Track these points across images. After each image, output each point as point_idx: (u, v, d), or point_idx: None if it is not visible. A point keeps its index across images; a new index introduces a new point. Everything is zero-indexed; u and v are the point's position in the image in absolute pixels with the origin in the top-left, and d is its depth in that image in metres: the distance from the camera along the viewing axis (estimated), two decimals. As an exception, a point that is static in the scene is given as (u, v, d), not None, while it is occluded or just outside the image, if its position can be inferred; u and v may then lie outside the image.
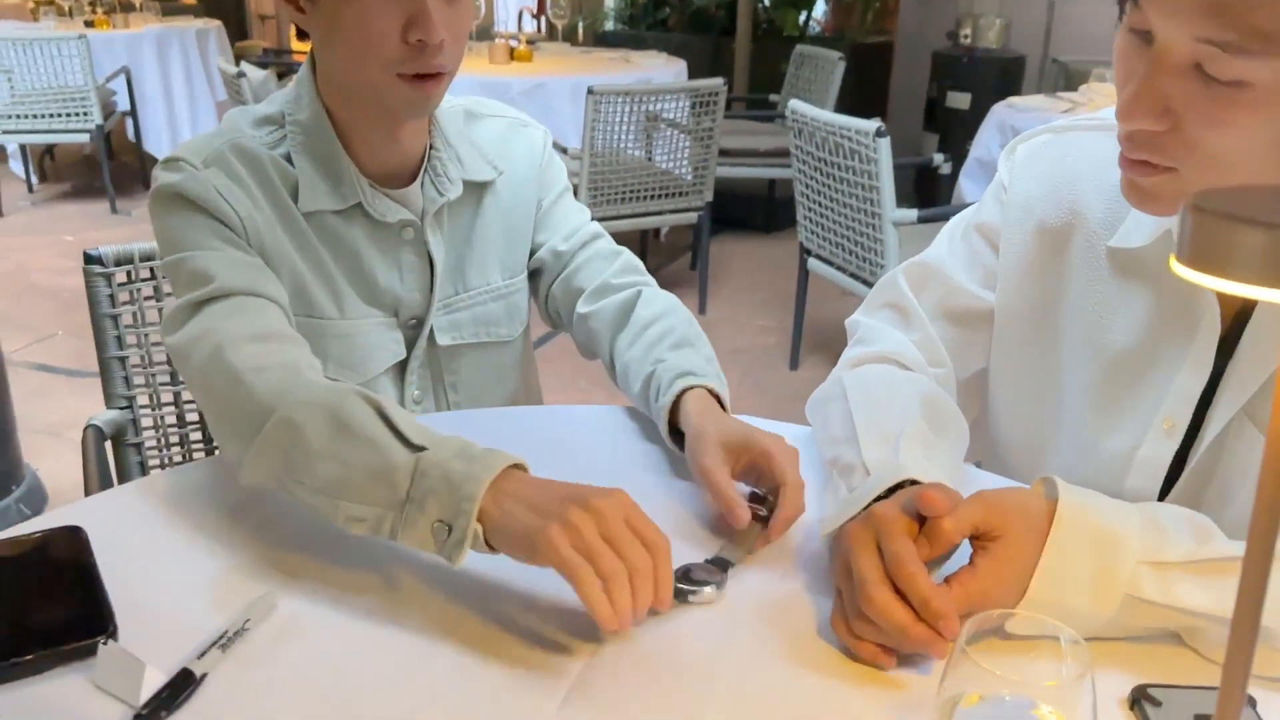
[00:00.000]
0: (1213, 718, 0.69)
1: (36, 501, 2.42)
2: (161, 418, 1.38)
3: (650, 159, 3.82)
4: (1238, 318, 0.89)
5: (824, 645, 0.79)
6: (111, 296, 1.31)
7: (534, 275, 1.29)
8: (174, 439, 1.40)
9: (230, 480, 0.95)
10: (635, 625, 0.77)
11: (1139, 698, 0.72)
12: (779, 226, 4.89)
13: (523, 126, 1.25)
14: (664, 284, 1.24)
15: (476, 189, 1.18)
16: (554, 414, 1.20)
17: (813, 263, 3.28)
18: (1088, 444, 0.99)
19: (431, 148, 1.14)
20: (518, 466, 0.82)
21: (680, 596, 0.82)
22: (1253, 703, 0.71)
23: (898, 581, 0.74)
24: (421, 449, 0.82)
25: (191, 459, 1.41)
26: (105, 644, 0.73)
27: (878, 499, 0.82)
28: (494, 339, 1.24)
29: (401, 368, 1.19)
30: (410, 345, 1.19)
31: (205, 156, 1.05)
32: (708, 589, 0.82)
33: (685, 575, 0.84)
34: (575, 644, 0.77)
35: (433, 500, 0.79)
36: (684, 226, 3.93)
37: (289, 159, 1.09)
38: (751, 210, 4.99)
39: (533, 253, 1.26)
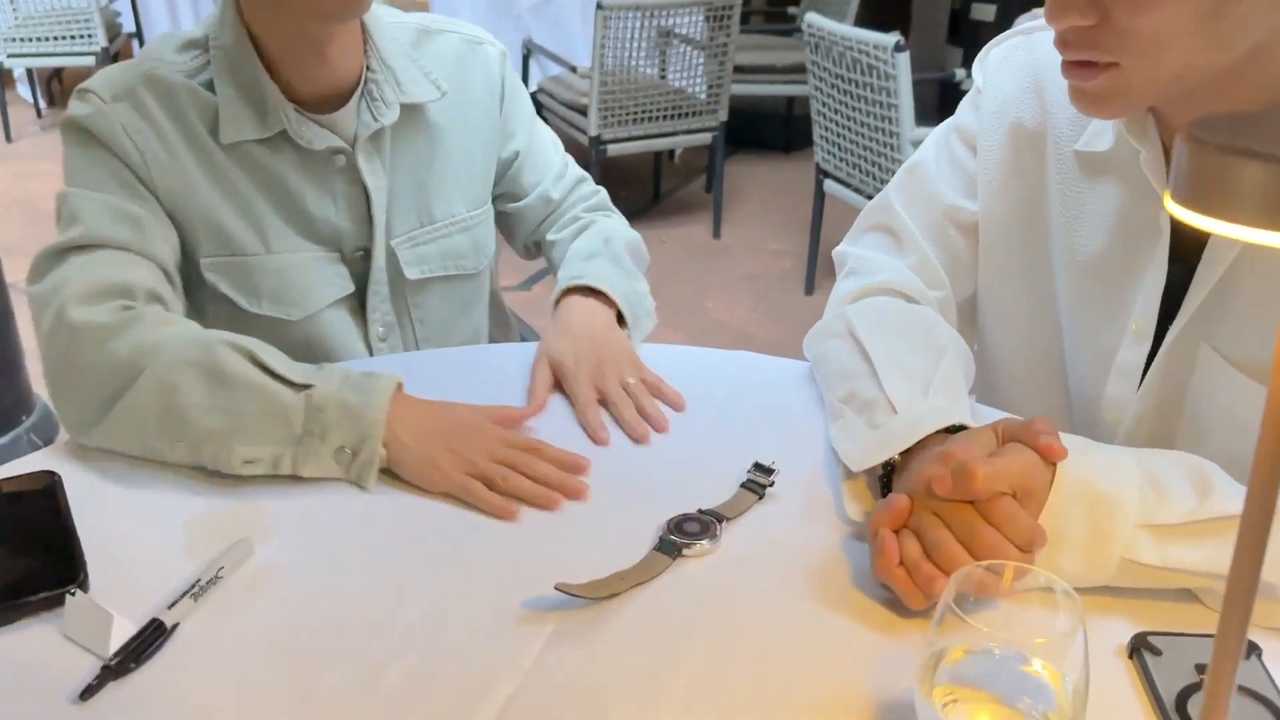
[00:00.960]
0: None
1: (48, 431, 2.42)
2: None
3: (663, 77, 3.72)
4: None
5: (817, 597, 0.76)
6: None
7: (516, 215, 1.26)
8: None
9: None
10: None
11: (1139, 646, 0.70)
12: (798, 146, 4.77)
13: (478, 44, 1.19)
14: (678, 207, 1.23)
15: (422, 114, 1.12)
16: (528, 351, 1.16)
17: (829, 184, 3.20)
18: (1072, 351, 0.99)
19: (367, 69, 1.07)
20: (398, 388, 0.91)
21: (673, 550, 0.79)
22: (1258, 651, 0.69)
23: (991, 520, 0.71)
24: (307, 386, 0.87)
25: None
26: (73, 594, 0.72)
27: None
28: (461, 271, 1.20)
29: (360, 302, 1.15)
30: (362, 279, 1.14)
31: (116, 89, 1.01)
32: (701, 542, 0.80)
33: (678, 527, 0.81)
34: (556, 594, 0.74)
35: (335, 432, 0.86)
36: (699, 147, 3.84)
37: (212, 86, 1.03)
38: (769, 129, 4.87)
39: (511, 191, 1.24)
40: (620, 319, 1.10)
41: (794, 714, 0.66)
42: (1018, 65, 1.00)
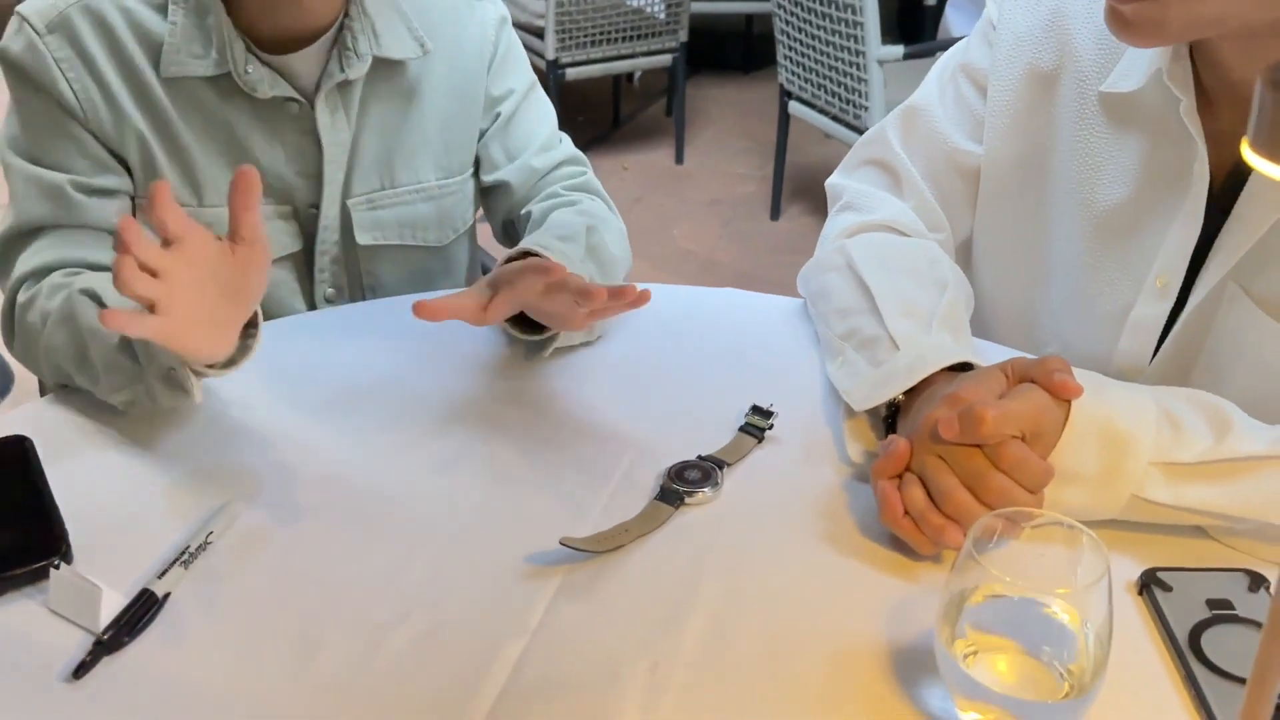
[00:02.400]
0: (1229, 602, 0.67)
1: (2, 380, 2.35)
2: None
3: (623, -7, 3.62)
4: (1233, 174, 0.83)
5: (825, 541, 0.75)
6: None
7: (493, 189, 1.14)
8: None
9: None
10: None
11: (1148, 582, 0.70)
12: (758, 66, 4.69)
13: (476, 1, 1.10)
14: (639, 132, 1.16)
15: (400, 70, 1.04)
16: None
17: (794, 105, 3.15)
18: (1078, 305, 0.95)
19: (345, 14, 0.98)
20: None
21: (675, 499, 0.78)
22: (1265, 584, 0.69)
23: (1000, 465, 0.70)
24: None
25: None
26: (58, 567, 0.69)
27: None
28: (419, 243, 1.11)
29: (307, 261, 1.07)
30: (310, 237, 1.06)
31: (50, 20, 0.94)
32: (704, 490, 0.78)
33: (679, 475, 0.80)
34: (559, 549, 0.72)
35: (158, 356, 0.79)
36: (658, 70, 3.75)
37: (166, 9, 0.95)
38: (728, 49, 4.77)
39: (492, 159, 1.12)
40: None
41: (810, 661, 0.65)
42: (1035, 0, 0.95)
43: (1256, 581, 0.69)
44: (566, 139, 1.18)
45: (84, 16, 0.95)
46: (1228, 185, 0.84)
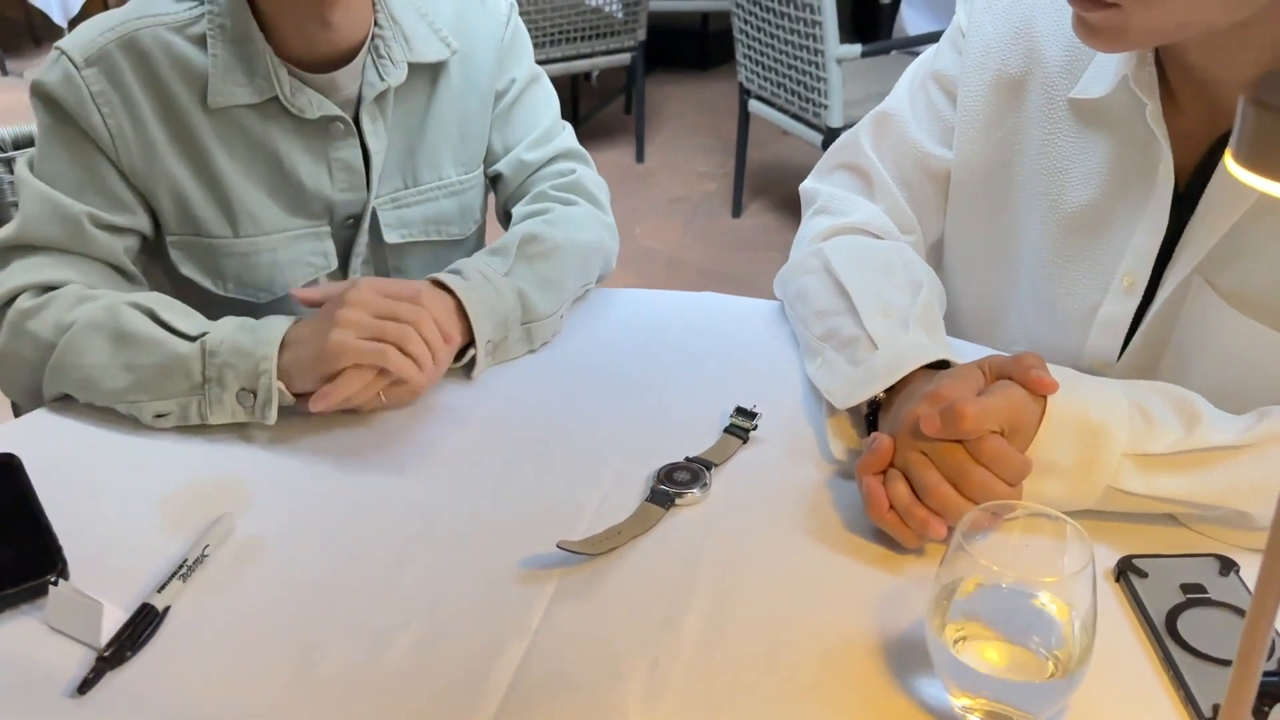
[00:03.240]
0: (1202, 586, 0.70)
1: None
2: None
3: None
4: (1199, 172, 0.86)
5: (814, 537, 0.77)
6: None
7: (493, 180, 1.16)
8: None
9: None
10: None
11: (1125, 569, 0.72)
12: (714, 63, 4.72)
13: None
14: (598, 130, 1.15)
15: (428, 71, 1.05)
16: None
17: (753, 104, 3.18)
18: (1047, 304, 0.98)
19: (375, 25, 1.00)
20: (294, 324, 0.89)
21: (666, 500, 0.79)
22: (1235, 567, 0.72)
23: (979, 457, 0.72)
24: (202, 334, 0.87)
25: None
26: (56, 584, 0.69)
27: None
28: (445, 238, 1.13)
29: (342, 267, 1.09)
30: (347, 245, 1.08)
31: (90, 53, 0.94)
32: (693, 491, 0.80)
33: (668, 476, 0.81)
34: (554, 552, 0.74)
35: (230, 373, 0.85)
36: (616, 68, 3.77)
37: (205, 41, 0.96)
38: (684, 46, 4.80)
39: (492, 150, 1.14)
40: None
41: (805, 653, 0.67)
42: (1004, 8, 0.97)
43: (1227, 566, 0.72)
44: (568, 129, 1.19)
45: (124, 51, 0.95)
46: (1194, 182, 0.87)
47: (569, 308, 1.03)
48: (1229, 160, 0.36)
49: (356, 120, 1.02)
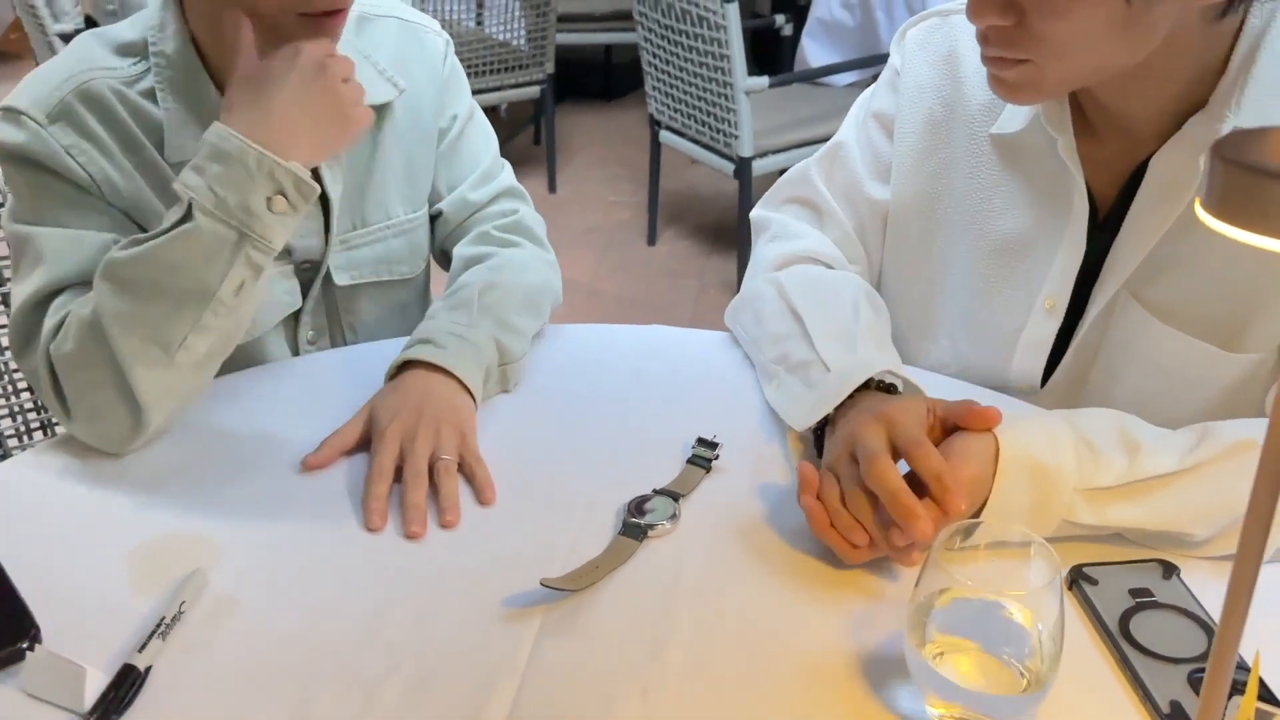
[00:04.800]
0: (1148, 590, 0.75)
1: None
2: (15, 392, 1.26)
3: (479, 23, 3.63)
4: (1123, 191, 0.93)
5: (785, 560, 0.80)
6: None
7: (434, 220, 1.16)
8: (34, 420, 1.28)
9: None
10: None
11: (1076, 578, 0.77)
12: (619, 93, 4.78)
13: (422, 31, 1.11)
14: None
15: (375, 112, 1.04)
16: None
17: (664, 134, 3.24)
18: (975, 328, 1.04)
19: None
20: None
21: (638, 533, 0.81)
22: (1176, 571, 0.77)
23: (917, 465, 0.76)
24: (178, 199, 0.84)
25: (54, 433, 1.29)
26: (32, 649, 0.67)
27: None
28: (395, 277, 1.13)
29: (296, 312, 1.08)
30: (305, 289, 1.08)
31: (50, 110, 0.92)
32: (664, 523, 0.82)
33: (638, 508, 0.83)
34: (536, 589, 0.75)
35: (232, 193, 0.82)
36: (524, 100, 3.79)
37: (154, 96, 0.95)
38: (589, 77, 4.85)
39: (435, 188, 1.14)
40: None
41: (790, 674, 0.70)
42: (934, 49, 1.03)
43: (1169, 570, 0.77)
44: (508, 167, 1.20)
45: (84, 102, 0.93)
46: (1116, 205, 0.94)
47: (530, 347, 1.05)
48: (1198, 207, 0.41)
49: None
